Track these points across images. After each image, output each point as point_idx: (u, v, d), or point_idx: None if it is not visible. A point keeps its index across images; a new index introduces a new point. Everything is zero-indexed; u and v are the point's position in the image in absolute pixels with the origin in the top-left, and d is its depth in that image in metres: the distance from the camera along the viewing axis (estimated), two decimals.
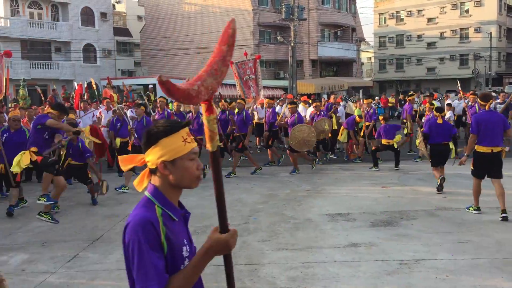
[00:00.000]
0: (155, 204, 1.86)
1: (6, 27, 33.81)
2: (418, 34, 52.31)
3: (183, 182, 1.91)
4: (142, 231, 1.76)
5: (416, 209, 7.61)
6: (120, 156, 2.07)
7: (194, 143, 1.92)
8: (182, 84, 1.64)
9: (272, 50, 38.76)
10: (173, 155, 1.86)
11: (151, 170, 1.93)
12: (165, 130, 1.87)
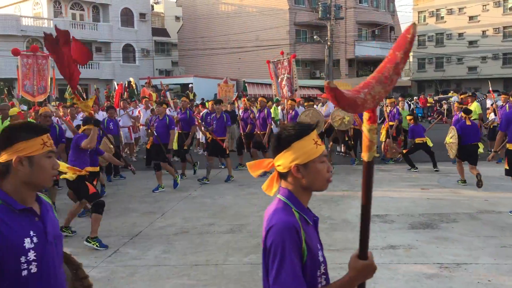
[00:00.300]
0: (292, 208, 1.88)
1: (49, 28, 34.87)
2: (459, 32, 50.95)
3: (315, 185, 1.91)
4: (289, 235, 1.77)
5: (457, 212, 7.42)
6: (249, 163, 2.09)
7: (323, 145, 1.92)
8: (349, 91, 1.60)
9: (308, 49, 38.59)
10: (306, 158, 1.86)
11: (281, 174, 1.94)
12: (296, 133, 1.87)
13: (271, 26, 37.13)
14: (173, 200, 8.79)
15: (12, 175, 1.89)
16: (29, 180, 1.90)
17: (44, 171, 1.93)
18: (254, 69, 37.53)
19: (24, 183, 1.90)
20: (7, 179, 1.90)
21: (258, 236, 6.46)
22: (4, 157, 1.89)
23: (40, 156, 1.91)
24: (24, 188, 1.91)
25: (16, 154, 1.87)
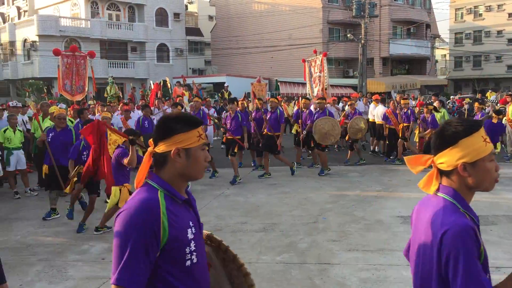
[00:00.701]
0: (460, 208, 1.79)
1: (87, 28, 35.76)
2: (498, 30, 49.47)
3: (483, 184, 1.82)
4: (469, 238, 1.68)
5: (495, 214, 7.23)
6: (407, 158, 1.98)
7: (491, 143, 1.83)
8: None
9: (341, 48, 38.22)
10: (475, 156, 1.77)
11: (442, 171, 1.86)
12: (465, 129, 1.78)
13: (304, 25, 36.96)
14: (206, 198, 8.87)
15: (169, 166, 1.91)
16: (184, 171, 1.92)
17: (198, 163, 1.94)
18: (286, 68, 37.45)
19: (180, 174, 1.92)
20: (163, 169, 1.92)
21: (290, 236, 6.46)
22: (162, 148, 1.90)
23: (196, 148, 1.92)
24: (179, 179, 1.93)
25: (175, 146, 1.88)
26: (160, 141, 1.91)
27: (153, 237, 1.75)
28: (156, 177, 1.91)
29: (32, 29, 34.68)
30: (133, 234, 1.74)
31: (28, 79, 34.04)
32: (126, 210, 1.80)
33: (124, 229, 1.77)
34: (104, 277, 5.14)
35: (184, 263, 1.84)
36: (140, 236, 1.74)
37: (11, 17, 43.80)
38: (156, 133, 1.92)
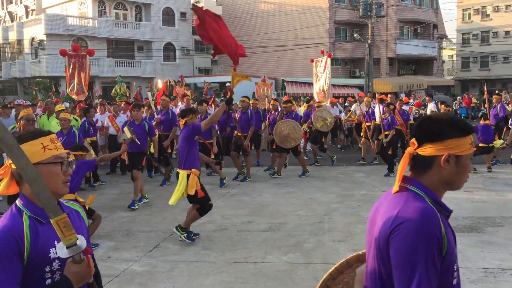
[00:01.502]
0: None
1: (94, 27, 35.89)
2: (506, 30, 49.12)
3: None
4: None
5: (503, 216, 7.18)
6: None
7: None
8: None
9: (348, 48, 38.13)
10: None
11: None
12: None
13: (311, 25, 36.90)
14: (212, 198, 8.82)
15: (434, 172, 1.76)
16: (450, 180, 1.77)
17: (466, 172, 1.79)
18: (293, 68, 37.41)
19: (445, 182, 1.77)
20: (426, 174, 1.78)
21: (296, 235, 6.46)
22: (429, 151, 1.76)
23: (466, 157, 1.76)
24: (442, 188, 1.79)
25: (447, 151, 1.73)
26: (427, 143, 1.76)
27: (438, 249, 1.62)
28: (418, 184, 1.77)
29: (39, 28, 34.85)
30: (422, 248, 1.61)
31: (36, 77, 34.23)
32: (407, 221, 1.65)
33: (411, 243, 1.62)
34: (110, 275, 5.16)
35: None
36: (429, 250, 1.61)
37: (19, 16, 44.03)
38: (422, 134, 1.79)
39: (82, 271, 1.74)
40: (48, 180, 1.80)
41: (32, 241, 1.79)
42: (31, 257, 1.78)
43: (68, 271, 1.73)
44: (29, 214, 1.83)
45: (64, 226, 1.69)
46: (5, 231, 1.77)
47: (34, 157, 1.82)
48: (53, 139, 1.91)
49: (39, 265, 1.80)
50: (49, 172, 1.86)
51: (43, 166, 1.84)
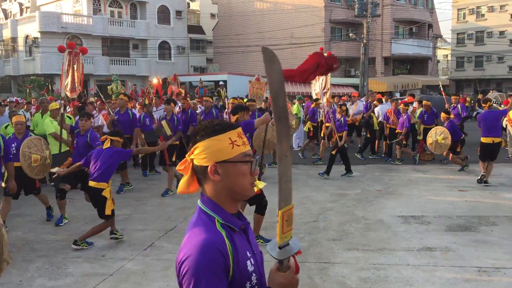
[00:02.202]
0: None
1: (88, 25, 35.73)
2: (500, 30, 49.36)
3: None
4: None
5: (497, 215, 7.21)
6: None
7: None
8: None
9: (343, 47, 38.18)
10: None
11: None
12: None
13: (306, 24, 36.92)
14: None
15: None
16: None
17: None
18: (289, 67, 36.66)
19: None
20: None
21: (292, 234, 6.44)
22: None
23: None
24: None
25: None
26: None
27: None
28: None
29: (34, 25, 34.65)
30: None
31: (30, 75, 34.07)
32: None
33: None
34: (104, 274, 5.14)
35: None
36: None
37: (13, 13, 43.78)
38: None
39: (288, 283, 1.56)
40: (234, 181, 1.61)
41: (234, 254, 1.55)
42: (235, 272, 1.55)
43: (274, 282, 1.55)
44: (222, 222, 1.60)
45: (287, 220, 1.53)
46: (209, 245, 1.51)
47: (222, 154, 1.61)
48: (240, 133, 1.67)
49: (241, 281, 1.57)
50: (237, 172, 1.62)
51: (230, 165, 1.61)
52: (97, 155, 6.16)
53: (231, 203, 1.66)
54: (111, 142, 6.20)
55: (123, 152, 6.38)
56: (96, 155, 6.18)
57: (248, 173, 1.64)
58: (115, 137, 6.27)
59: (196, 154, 1.63)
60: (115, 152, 6.16)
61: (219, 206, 1.62)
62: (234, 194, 1.63)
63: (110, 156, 6.08)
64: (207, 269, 1.47)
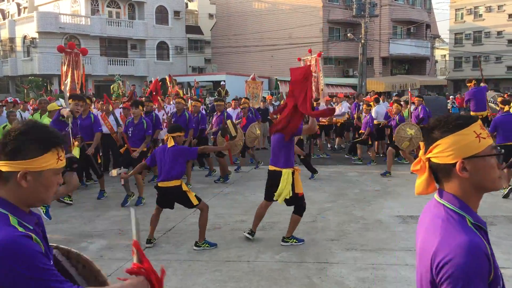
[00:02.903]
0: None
1: (87, 25, 35.71)
2: (498, 30, 49.45)
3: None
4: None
5: (495, 215, 7.23)
6: None
7: None
8: None
9: (341, 47, 38.22)
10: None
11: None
12: None
13: (304, 24, 36.95)
14: (205, 197, 8.85)
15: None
16: None
17: None
18: (286, 67, 37.22)
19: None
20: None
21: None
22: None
23: None
24: None
25: None
26: None
27: None
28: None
29: (32, 25, 34.63)
30: None
31: (28, 75, 34.04)
32: None
33: None
34: None
35: None
36: None
37: (11, 14, 43.73)
38: None
39: None
40: (484, 176, 1.53)
41: (492, 257, 1.48)
42: (493, 277, 1.47)
43: None
44: (472, 222, 1.54)
45: None
46: (477, 248, 1.43)
47: (470, 149, 1.52)
48: (481, 125, 1.57)
49: (494, 286, 1.49)
50: (487, 167, 1.53)
51: (479, 160, 1.53)
52: (162, 154, 5.98)
53: (476, 200, 1.59)
54: (174, 139, 6.00)
55: (189, 151, 6.22)
56: (160, 154, 6.00)
57: (496, 166, 1.56)
58: (175, 133, 6.04)
59: (438, 152, 1.55)
60: (180, 150, 5.98)
61: (467, 204, 1.56)
62: (482, 190, 1.57)
63: (175, 155, 5.89)
64: (476, 274, 1.40)
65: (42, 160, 1.65)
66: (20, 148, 1.63)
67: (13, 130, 1.66)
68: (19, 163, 1.63)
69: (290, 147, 5.98)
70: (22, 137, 1.64)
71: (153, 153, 6.19)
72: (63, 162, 1.73)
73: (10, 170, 1.63)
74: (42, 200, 1.71)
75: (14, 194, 1.64)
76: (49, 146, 1.67)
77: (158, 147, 6.36)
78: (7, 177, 1.64)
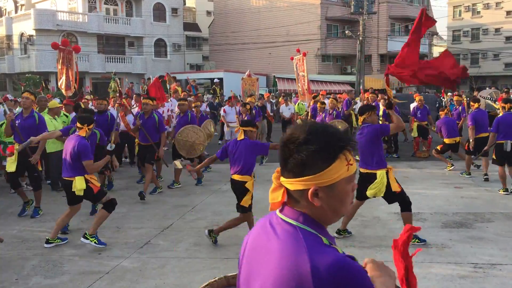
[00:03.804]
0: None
1: (84, 23, 35.60)
2: (496, 27, 49.52)
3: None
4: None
5: (492, 212, 7.24)
6: None
7: None
8: None
9: (339, 44, 38.22)
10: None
11: None
12: None
13: (302, 21, 36.91)
14: (203, 194, 8.86)
15: None
16: None
17: None
18: (284, 64, 37.35)
19: None
20: None
21: None
22: None
23: None
24: None
25: None
26: None
27: None
28: None
29: (29, 23, 34.51)
30: None
31: (25, 73, 33.93)
32: None
33: None
34: (100, 271, 5.13)
35: None
36: None
37: (8, 11, 43.56)
38: None
39: None
40: None
41: None
42: None
43: None
44: None
45: None
46: None
47: None
48: None
49: None
50: None
51: None
52: (234, 147, 5.93)
53: None
54: (245, 133, 5.96)
55: (260, 146, 6.13)
56: (232, 147, 5.95)
57: None
58: (247, 127, 5.99)
59: None
60: (252, 144, 5.91)
61: None
62: None
63: (247, 149, 5.83)
64: None
65: (333, 171, 1.39)
66: (304, 161, 1.39)
67: (290, 141, 1.42)
68: (306, 180, 1.40)
69: (380, 146, 5.94)
70: (304, 148, 1.39)
71: (224, 146, 6.11)
72: (354, 166, 1.45)
73: (297, 189, 1.42)
74: (339, 215, 1.48)
75: (309, 213, 1.43)
76: (337, 153, 1.40)
77: (230, 141, 6.28)
78: (295, 196, 1.44)
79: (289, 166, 1.42)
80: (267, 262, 1.41)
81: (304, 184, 1.40)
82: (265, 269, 1.40)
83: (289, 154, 1.41)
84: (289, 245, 1.36)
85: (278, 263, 1.36)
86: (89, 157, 5.80)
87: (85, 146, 5.81)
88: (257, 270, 1.46)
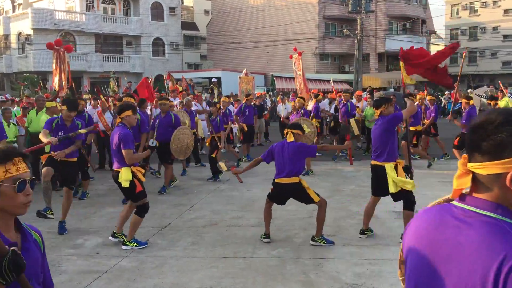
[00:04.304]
0: None
1: (82, 22, 35.54)
2: (494, 26, 49.56)
3: None
4: None
5: None
6: None
7: None
8: None
9: (337, 43, 38.23)
10: None
11: None
12: None
13: (300, 20, 36.90)
14: (201, 193, 8.87)
15: None
16: None
17: None
18: (282, 63, 37.35)
19: None
20: None
21: (285, 230, 6.47)
22: None
23: None
24: None
25: None
26: None
27: None
28: None
29: (26, 22, 34.43)
30: None
31: (23, 72, 33.85)
32: None
33: None
34: (99, 271, 5.13)
35: None
36: None
37: (5, 10, 43.47)
38: None
39: None
40: None
41: None
42: None
43: None
44: None
45: None
46: None
47: None
48: None
49: None
50: None
51: None
52: (281, 150, 5.91)
53: None
54: (293, 135, 5.94)
55: (308, 148, 6.08)
56: (279, 150, 5.92)
57: None
58: (295, 129, 5.98)
59: None
60: (300, 147, 5.88)
61: None
62: None
63: (294, 152, 5.82)
64: None
65: None
66: (505, 142, 1.30)
67: (487, 122, 1.34)
68: (505, 162, 1.29)
69: (394, 138, 5.91)
70: (505, 129, 1.30)
71: (270, 148, 6.06)
72: None
73: (492, 173, 1.32)
74: None
75: (502, 202, 1.32)
76: None
77: (276, 143, 6.16)
78: (486, 182, 1.34)
79: (485, 148, 1.33)
80: (463, 258, 1.31)
81: (503, 167, 1.30)
82: (462, 266, 1.31)
83: (486, 135, 1.33)
84: (494, 240, 1.27)
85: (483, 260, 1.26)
86: (128, 146, 5.69)
87: (127, 134, 5.75)
88: (444, 267, 1.36)
